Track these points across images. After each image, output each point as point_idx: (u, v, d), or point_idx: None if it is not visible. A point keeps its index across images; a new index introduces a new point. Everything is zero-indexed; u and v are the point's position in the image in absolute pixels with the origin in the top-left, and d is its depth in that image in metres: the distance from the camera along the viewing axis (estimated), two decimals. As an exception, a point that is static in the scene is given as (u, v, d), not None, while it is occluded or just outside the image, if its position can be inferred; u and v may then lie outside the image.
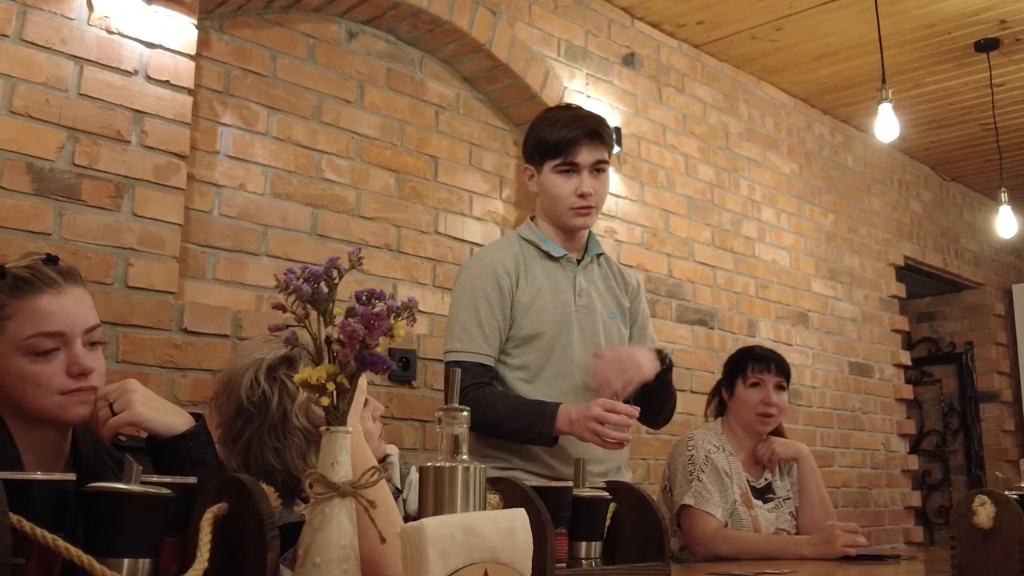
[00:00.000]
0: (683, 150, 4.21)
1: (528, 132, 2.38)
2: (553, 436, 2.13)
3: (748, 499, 2.72)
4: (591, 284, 2.37)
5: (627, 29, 4.04)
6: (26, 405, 1.36)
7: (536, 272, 2.31)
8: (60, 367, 1.37)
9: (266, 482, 1.51)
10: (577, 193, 2.27)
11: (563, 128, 2.27)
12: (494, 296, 2.24)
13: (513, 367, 2.26)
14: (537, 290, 2.29)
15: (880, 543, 4.91)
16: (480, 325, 2.22)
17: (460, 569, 0.92)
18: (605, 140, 2.30)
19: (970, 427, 6.30)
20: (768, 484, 2.83)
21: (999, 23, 4.17)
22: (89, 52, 2.39)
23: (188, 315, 2.51)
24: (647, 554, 1.57)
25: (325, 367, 1.04)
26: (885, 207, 5.53)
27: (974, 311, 6.39)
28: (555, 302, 2.29)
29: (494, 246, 2.50)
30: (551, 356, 2.26)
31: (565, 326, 2.28)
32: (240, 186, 2.82)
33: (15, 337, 1.35)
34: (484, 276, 2.26)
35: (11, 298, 1.36)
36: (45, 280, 1.38)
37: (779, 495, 2.83)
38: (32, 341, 1.35)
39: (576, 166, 2.27)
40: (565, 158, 2.26)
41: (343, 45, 3.16)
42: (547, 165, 2.29)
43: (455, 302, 2.29)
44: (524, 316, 2.26)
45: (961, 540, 1.74)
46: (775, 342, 4.51)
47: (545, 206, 2.35)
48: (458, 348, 2.22)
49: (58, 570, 0.96)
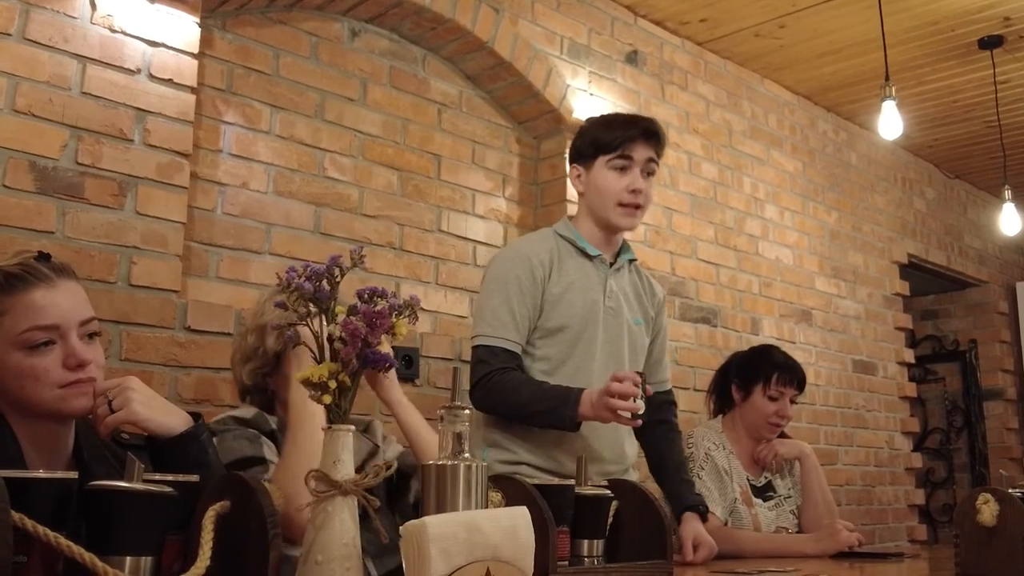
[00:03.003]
0: (686, 148, 4.20)
1: (580, 132, 2.42)
2: (576, 421, 2.14)
3: (748, 497, 2.72)
4: (621, 289, 2.38)
5: (630, 27, 4.04)
6: (26, 400, 1.36)
7: (569, 267, 2.32)
8: (57, 360, 1.38)
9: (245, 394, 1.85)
10: (629, 189, 2.29)
11: (621, 126, 2.33)
12: (527, 285, 2.25)
13: (536, 358, 2.27)
14: (568, 284, 2.30)
15: (884, 541, 4.90)
16: (512, 312, 2.22)
17: (462, 567, 0.92)
18: (659, 140, 2.35)
19: (974, 425, 6.29)
20: (768, 482, 2.83)
21: (1003, 20, 4.16)
22: (92, 51, 2.39)
23: (191, 313, 2.51)
24: (649, 552, 1.57)
25: (327, 365, 1.04)
26: (889, 205, 5.52)
27: (978, 309, 6.37)
28: (584, 298, 2.30)
29: (529, 238, 2.52)
30: (574, 350, 2.27)
31: (591, 323, 2.29)
32: (243, 184, 2.83)
33: (10, 332, 1.36)
34: (519, 265, 2.27)
35: (4, 295, 1.37)
36: (37, 275, 1.39)
37: (780, 493, 2.83)
38: (27, 335, 1.36)
39: (631, 161, 2.30)
40: (622, 151, 2.29)
41: (346, 43, 3.16)
42: (600, 160, 2.32)
43: (487, 289, 2.30)
44: (553, 308, 2.27)
45: (965, 538, 1.74)
46: (778, 340, 4.50)
47: (592, 203, 2.35)
48: (488, 333, 2.22)
49: (60, 568, 0.96)
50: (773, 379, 2.79)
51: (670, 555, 1.56)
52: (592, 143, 2.34)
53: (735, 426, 2.84)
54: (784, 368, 2.82)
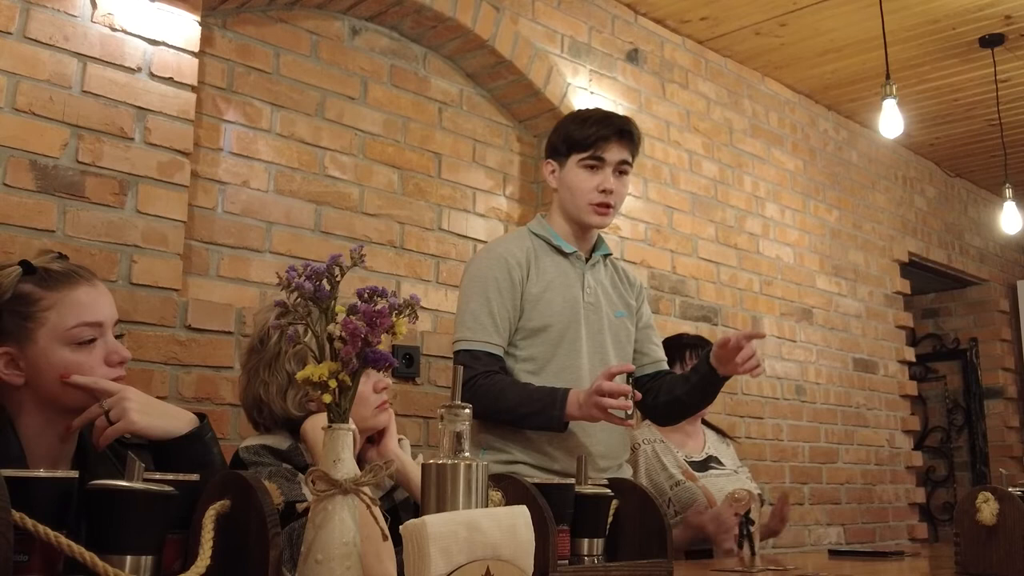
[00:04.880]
0: (687, 146, 4.20)
1: (556, 128, 2.41)
2: (563, 421, 2.14)
3: (691, 474, 2.75)
4: (598, 283, 2.39)
5: (631, 25, 4.03)
6: (66, 395, 1.38)
7: (546, 265, 2.32)
8: (99, 357, 1.42)
9: (256, 413, 1.69)
10: (599, 189, 2.29)
11: (594, 125, 2.31)
12: (505, 286, 2.25)
13: (520, 359, 2.27)
14: (547, 283, 2.30)
15: (884, 540, 4.91)
16: (491, 314, 2.22)
17: (462, 566, 0.92)
18: (633, 141, 2.34)
19: (974, 423, 6.29)
20: (710, 456, 2.88)
21: (1004, 19, 4.15)
22: (93, 49, 2.39)
23: (192, 312, 2.51)
24: (649, 551, 1.57)
25: (327, 364, 1.04)
26: (889, 203, 5.52)
27: (979, 307, 6.37)
28: (564, 296, 2.30)
29: (505, 239, 2.51)
30: (558, 349, 2.27)
31: (573, 321, 2.29)
32: (244, 183, 2.83)
33: (57, 328, 1.38)
34: (495, 266, 2.27)
35: (47, 291, 1.39)
36: (81, 273, 1.44)
37: (728, 465, 2.88)
38: (76, 331, 1.39)
39: (602, 162, 2.30)
40: (593, 152, 2.29)
41: (346, 42, 3.16)
42: (573, 159, 2.32)
43: (465, 292, 2.29)
44: (533, 308, 2.27)
45: (965, 536, 1.74)
46: (779, 339, 4.51)
47: (564, 201, 2.35)
48: (468, 337, 2.22)
49: (61, 567, 0.97)
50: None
51: (670, 554, 1.57)
52: (565, 140, 2.33)
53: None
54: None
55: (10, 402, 1.39)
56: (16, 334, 1.37)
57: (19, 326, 1.37)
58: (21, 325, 1.37)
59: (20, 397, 1.39)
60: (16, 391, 1.39)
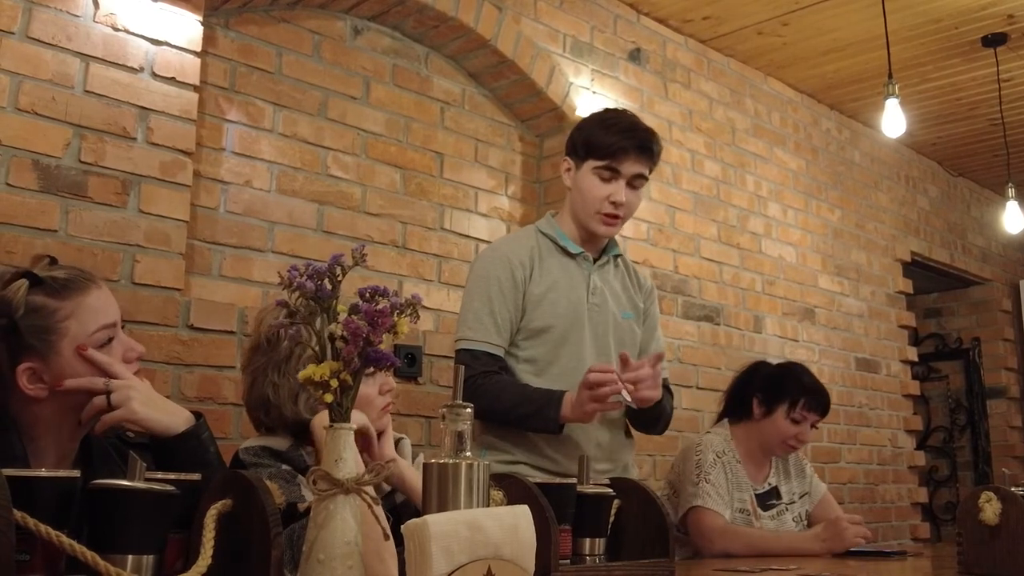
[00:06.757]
0: (689, 146, 4.20)
1: (579, 126, 2.36)
2: (559, 423, 2.13)
3: (755, 509, 2.68)
4: (606, 283, 2.36)
5: (633, 25, 4.03)
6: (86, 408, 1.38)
7: (551, 266, 2.30)
8: (118, 356, 1.43)
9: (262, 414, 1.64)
10: (610, 200, 2.25)
11: (617, 134, 2.25)
12: (507, 286, 2.24)
13: (522, 359, 2.26)
14: (551, 283, 2.28)
15: (887, 539, 4.90)
16: (492, 314, 2.21)
17: (464, 565, 0.92)
18: (652, 156, 2.29)
19: (977, 423, 6.28)
20: (773, 488, 2.77)
21: (1006, 18, 4.15)
22: (95, 49, 2.40)
23: (194, 311, 2.51)
24: (651, 551, 1.57)
25: (328, 364, 1.04)
26: (892, 203, 5.51)
27: (981, 307, 6.37)
28: (568, 297, 2.28)
29: (510, 238, 2.50)
30: (561, 351, 2.26)
31: (576, 322, 2.27)
32: (246, 183, 2.83)
33: (79, 336, 1.37)
34: (498, 266, 2.26)
35: (61, 300, 1.37)
36: (87, 278, 1.44)
37: (784, 500, 2.78)
38: (97, 335, 1.40)
39: (617, 173, 2.25)
40: (609, 162, 2.24)
41: (349, 42, 3.16)
42: (588, 163, 2.27)
43: (468, 291, 2.29)
44: (536, 308, 2.26)
45: (967, 536, 1.74)
46: (781, 338, 4.51)
47: (575, 203, 2.33)
48: (469, 336, 2.21)
49: (62, 566, 0.97)
50: (800, 403, 2.69)
51: (672, 554, 1.56)
52: (585, 144, 2.29)
53: (747, 437, 2.76)
54: (812, 392, 2.72)
55: (22, 410, 1.37)
56: (39, 348, 1.35)
57: (41, 340, 1.35)
58: (43, 339, 1.35)
59: (36, 408, 1.37)
60: (34, 401, 1.36)
